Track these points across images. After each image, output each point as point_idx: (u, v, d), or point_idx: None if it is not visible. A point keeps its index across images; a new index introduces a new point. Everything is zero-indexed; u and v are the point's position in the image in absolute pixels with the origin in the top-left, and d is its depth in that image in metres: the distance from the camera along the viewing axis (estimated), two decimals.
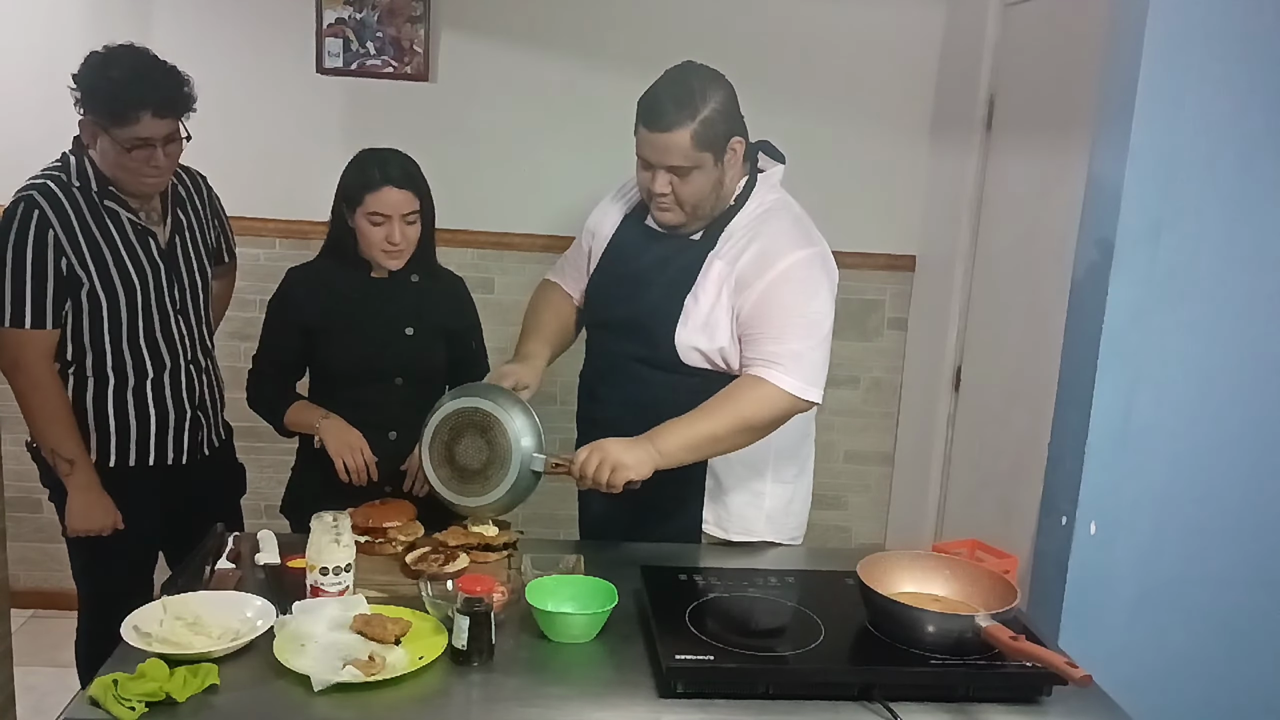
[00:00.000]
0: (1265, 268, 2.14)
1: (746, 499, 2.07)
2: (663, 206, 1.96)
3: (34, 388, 2.17)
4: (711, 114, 1.87)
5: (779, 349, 1.90)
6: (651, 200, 1.97)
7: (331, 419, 2.20)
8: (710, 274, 1.96)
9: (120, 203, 2.19)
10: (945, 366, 3.31)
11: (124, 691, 1.38)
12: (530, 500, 3.54)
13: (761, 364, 1.91)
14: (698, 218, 1.98)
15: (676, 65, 1.95)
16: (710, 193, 1.94)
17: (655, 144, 1.89)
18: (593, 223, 2.19)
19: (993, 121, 3.12)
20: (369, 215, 2.13)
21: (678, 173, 1.90)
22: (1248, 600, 2.26)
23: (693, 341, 1.96)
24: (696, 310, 1.96)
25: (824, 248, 1.98)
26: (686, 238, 2.02)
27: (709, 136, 1.87)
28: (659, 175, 1.91)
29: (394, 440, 2.24)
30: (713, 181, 1.93)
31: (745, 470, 2.05)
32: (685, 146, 1.87)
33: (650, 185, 1.93)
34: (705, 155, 1.89)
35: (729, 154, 1.92)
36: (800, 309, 1.92)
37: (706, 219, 1.99)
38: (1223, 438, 2.19)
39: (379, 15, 3.19)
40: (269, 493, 2.35)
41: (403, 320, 2.25)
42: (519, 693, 1.50)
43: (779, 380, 1.89)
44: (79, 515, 2.21)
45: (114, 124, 2.08)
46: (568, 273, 2.26)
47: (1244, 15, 2.03)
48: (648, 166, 1.93)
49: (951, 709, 1.51)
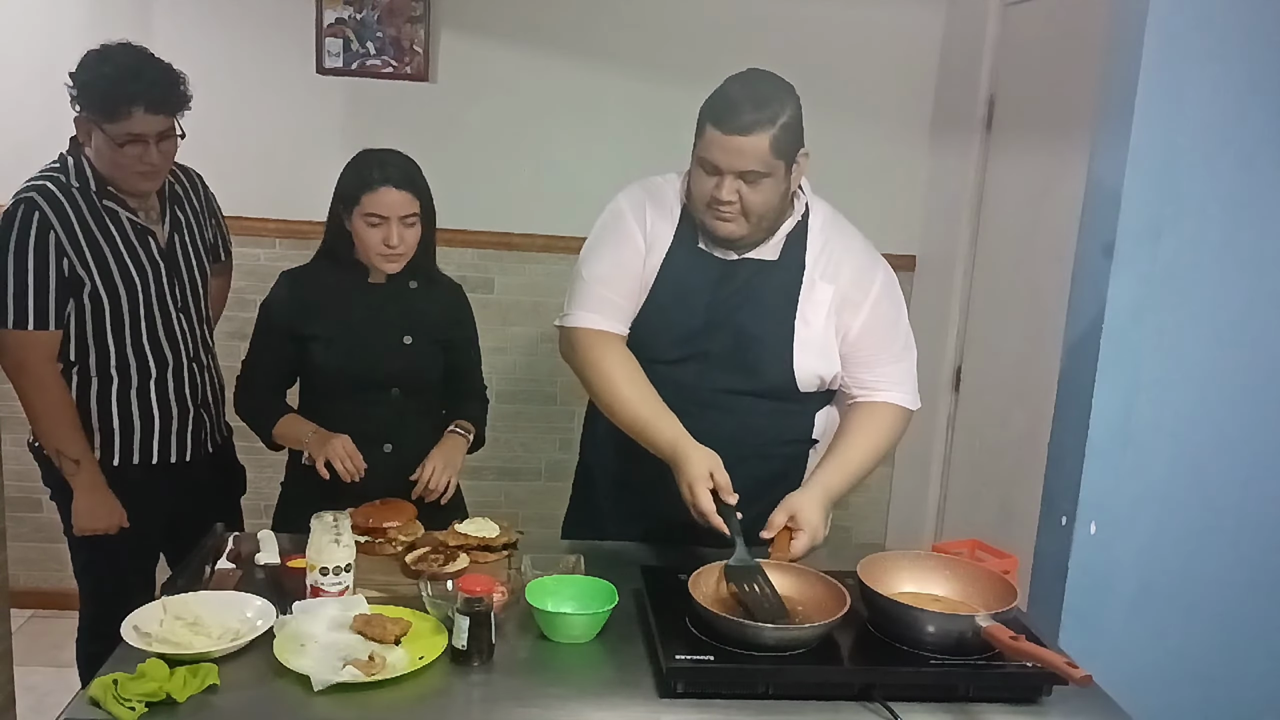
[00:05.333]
0: (1265, 268, 2.14)
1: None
2: (725, 216, 1.83)
3: (38, 389, 2.17)
4: (790, 120, 1.80)
5: (895, 370, 1.96)
6: (708, 210, 1.84)
7: (320, 432, 2.12)
8: (815, 296, 1.91)
9: (119, 202, 2.19)
10: (945, 366, 3.31)
11: (124, 691, 1.38)
12: (530, 500, 3.57)
13: (884, 388, 1.95)
14: (759, 230, 1.88)
15: (745, 70, 1.85)
16: (777, 204, 1.86)
17: (729, 147, 1.77)
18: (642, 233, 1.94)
19: (993, 121, 3.12)
20: (366, 216, 2.07)
21: (749, 179, 1.79)
22: (1248, 600, 2.26)
23: (813, 368, 1.93)
24: (810, 335, 1.91)
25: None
26: (759, 260, 1.92)
27: (786, 144, 1.80)
28: (726, 182, 1.80)
29: (389, 453, 2.17)
30: (781, 192, 1.85)
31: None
32: (763, 151, 1.77)
33: (715, 193, 1.81)
34: (779, 164, 1.80)
35: (796, 166, 1.85)
36: (901, 324, 1.98)
37: (765, 233, 1.90)
38: (1223, 438, 2.19)
39: (379, 15, 3.19)
40: (269, 493, 2.35)
41: (400, 329, 2.19)
42: (519, 693, 1.50)
43: (903, 400, 1.96)
44: (85, 515, 2.21)
45: (107, 119, 2.08)
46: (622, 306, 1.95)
47: (1244, 15, 2.03)
48: (714, 172, 1.81)
49: (951, 709, 1.51)
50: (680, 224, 1.95)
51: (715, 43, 3.27)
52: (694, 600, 1.58)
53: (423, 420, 2.25)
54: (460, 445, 2.24)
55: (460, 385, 2.33)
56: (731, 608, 1.62)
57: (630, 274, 1.94)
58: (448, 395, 2.31)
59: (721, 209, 1.83)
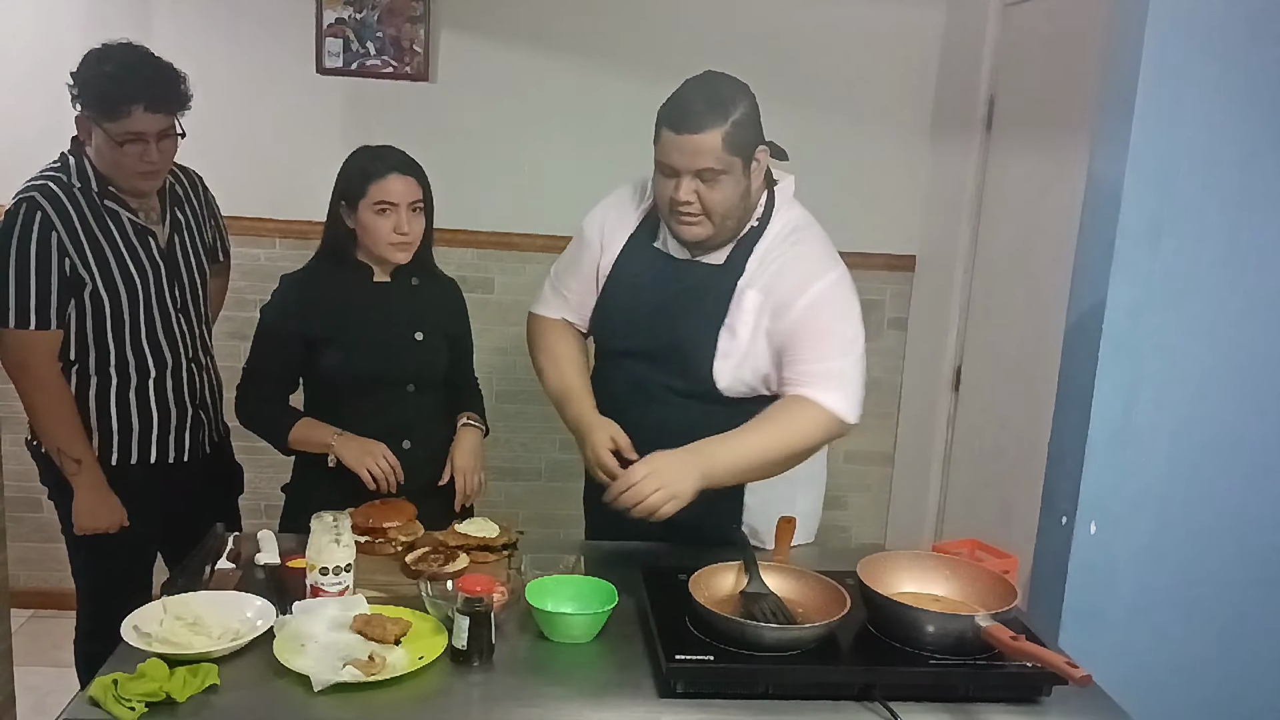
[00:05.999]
0: (1265, 268, 2.14)
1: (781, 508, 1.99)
2: (687, 220, 1.86)
3: (40, 388, 2.17)
4: (742, 117, 1.82)
5: (819, 368, 1.87)
6: (673, 214, 1.87)
7: (345, 435, 2.13)
8: (744, 304, 1.90)
9: (120, 202, 2.19)
10: (945, 366, 3.31)
11: (124, 691, 1.38)
12: (530, 500, 3.56)
13: (803, 383, 1.87)
14: (724, 230, 1.89)
15: (699, 74, 1.88)
16: (739, 203, 1.87)
17: (683, 147, 1.80)
18: (598, 234, 2.06)
19: (993, 121, 3.12)
20: (375, 205, 2.08)
21: (705, 178, 1.82)
22: (1248, 600, 2.26)
23: (734, 374, 1.92)
24: (734, 345, 1.91)
25: (847, 270, 1.94)
26: (706, 264, 1.94)
27: (739, 140, 1.81)
28: (684, 182, 1.82)
29: (408, 449, 2.18)
30: (740, 191, 1.85)
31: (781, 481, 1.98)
32: (716, 149, 1.79)
33: (674, 194, 1.84)
34: (735, 160, 1.82)
35: (755, 163, 1.86)
36: (838, 329, 1.89)
37: (730, 236, 1.92)
38: (1223, 438, 2.19)
39: (379, 15, 3.19)
40: (269, 493, 2.35)
41: (411, 325, 2.20)
42: (519, 693, 1.50)
43: (821, 398, 1.85)
44: (86, 514, 2.21)
45: (106, 118, 2.08)
46: (567, 301, 2.11)
47: (1244, 16, 2.03)
48: (672, 174, 1.83)
49: (951, 709, 1.51)
50: (642, 222, 2.02)
51: (715, 43, 3.27)
52: (694, 600, 1.58)
53: (436, 415, 2.28)
54: (477, 436, 2.28)
55: (459, 378, 2.36)
56: (731, 608, 1.62)
57: (582, 272, 2.07)
58: (448, 388, 2.33)
59: (683, 211, 1.85)
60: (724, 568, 1.72)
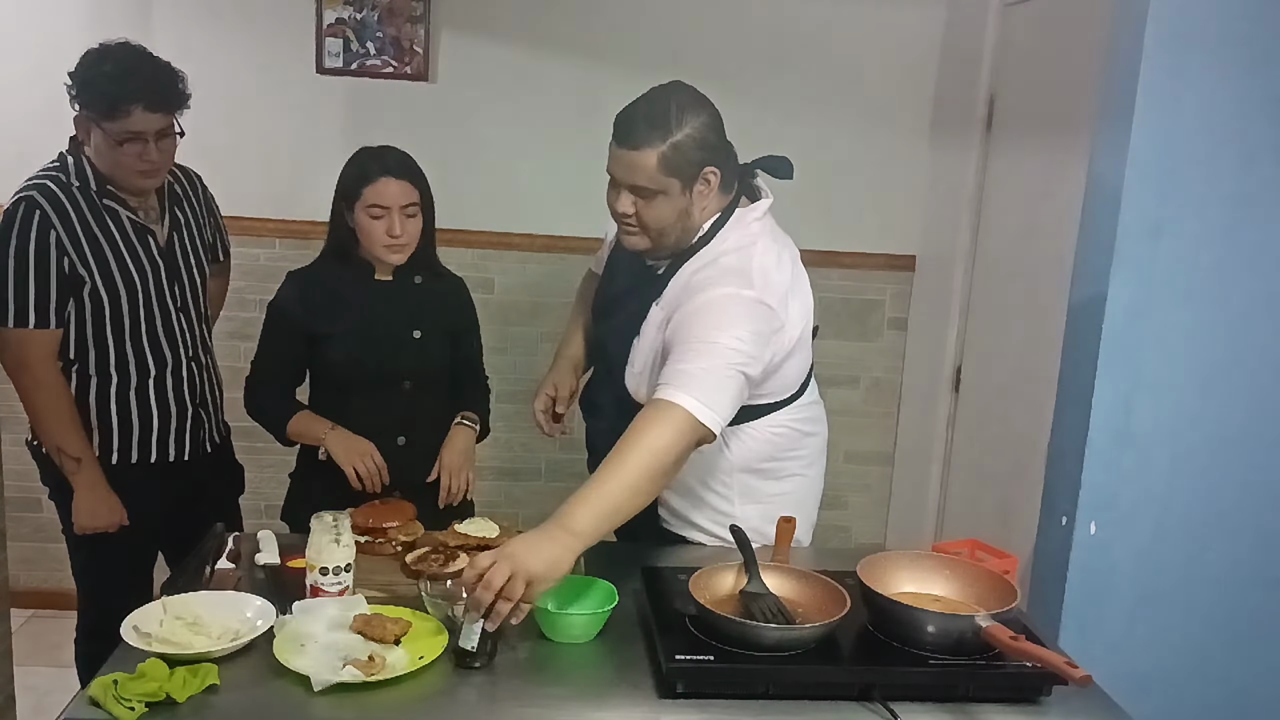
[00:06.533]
0: (1265, 268, 2.14)
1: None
2: (627, 230, 1.87)
3: (39, 387, 2.17)
4: (685, 139, 1.77)
5: (679, 368, 1.72)
6: (618, 221, 1.89)
7: (337, 430, 2.18)
8: (651, 319, 1.89)
9: (119, 201, 2.19)
10: (945, 366, 3.31)
11: (124, 691, 1.38)
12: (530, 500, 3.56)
13: (661, 384, 1.73)
14: (663, 246, 1.88)
15: (662, 84, 1.85)
16: (675, 223, 1.84)
17: (622, 161, 1.80)
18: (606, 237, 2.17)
19: (993, 121, 3.12)
20: (368, 209, 2.11)
21: (641, 194, 1.80)
22: (1248, 600, 2.26)
23: (635, 384, 1.92)
24: (638, 357, 1.91)
25: (764, 295, 1.81)
26: (650, 269, 1.94)
27: (678, 162, 1.77)
28: (623, 195, 1.83)
29: (402, 445, 2.22)
30: (678, 211, 1.82)
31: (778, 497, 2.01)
32: (650, 168, 1.77)
33: (614, 204, 1.85)
34: (671, 181, 1.78)
35: (700, 184, 1.81)
36: (704, 336, 1.74)
37: (672, 249, 1.89)
38: (1223, 438, 2.19)
39: (379, 15, 3.19)
40: (269, 493, 2.35)
41: (409, 323, 2.24)
42: (519, 693, 1.50)
43: (672, 396, 1.68)
44: (86, 513, 2.21)
45: (105, 117, 2.08)
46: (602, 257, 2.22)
47: (1244, 16, 2.03)
48: (615, 185, 1.85)
49: (951, 709, 1.51)
50: None
51: (715, 44, 3.27)
52: (694, 600, 1.58)
53: (434, 412, 2.30)
54: (469, 436, 2.29)
55: (464, 375, 2.37)
56: (731, 608, 1.62)
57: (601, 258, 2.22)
58: (452, 386, 2.35)
59: (622, 221, 1.86)
60: (724, 568, 1.72)
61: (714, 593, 1.67)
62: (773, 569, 1.73)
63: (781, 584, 1.70)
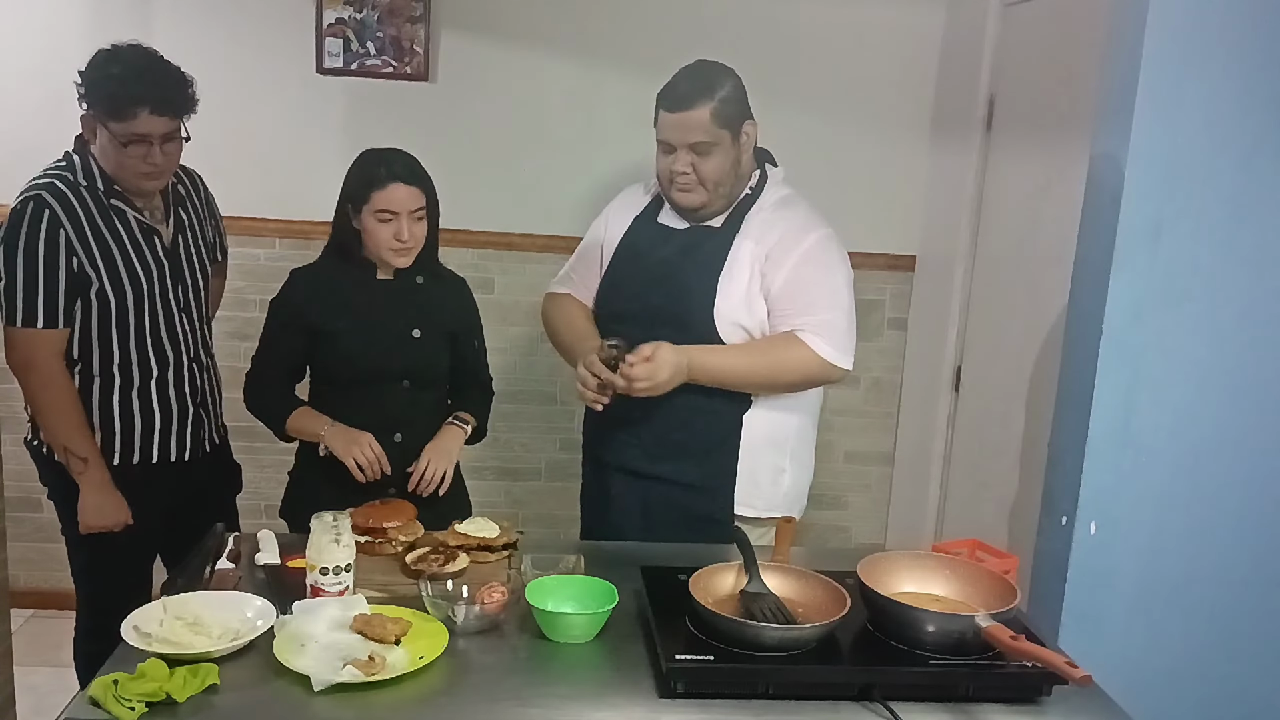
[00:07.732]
0: (1265, 268, 2.14)
1: (770, 476, 2.18)
2: (684, 186, 2.08)
3: (46, 387, 2.17)
4: (729, 95, 2.06)
5: (811, 319, 2.06)
6: (671, 185, 2.10)
7: (335, 425, 2.18)
8: (740, 254, 2.09)
9: (126, 201, 2.20)
10: (945, 366, 3.31)
11: (124, 691, 1.38)
12: (530, 500, 3.56)
13: (797, 330, 2.05)
14: (719, 198, 2.10)
15: (690, 63, 2.10)
16: (730, 171, 2.08)
17: (678, 124, 2.05)
18: (600, 232, 2.28)
19: (993, 121, 3.12)
20: (377, 213, 2.12)
21: (698, 150, 2.05)
22: (1248, 600, 2.26)
23: (734, 317, 2.08)
24: (732, 288, 2.08)
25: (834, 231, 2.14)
26: (706, 227, 2.14)
27: (727, 115, 2.05)
28: (680, 155, 2.06)
29: (399, 442, 2.22)
30: (731, 160, 2.08)
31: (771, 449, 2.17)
32: (705, 122, 2.03)
33: (672, 166, 2.07)
34: (724, 133, 2.05)
35: (744, 136, 2.09)
36: (826, 282, 2.09)
37: (725, 202, 2.12)
38: (1223, 437, 2.19)
39: (379, 15, 3.19)
40: (268, 493, 2.35)
41: (409, 323, 2.24)
42: (519, 693, 1.50)
43: (814, 344, 2.05)
44: (92, 512, 2.21)
45: (112, 118, 2.09)
46: (575, 282, 2.33)
47: (1244, 15, 2.03)
48: (669, 150, 2.07)
49: (951, 709, 1.51)
50: (649, 205, 2.25)
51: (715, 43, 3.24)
52: (694, 600, 1.58)
53: (432, 411, 2.30)
54: (457, 436, 2.28)
55: (464, 375, 2.37)
56: (731, 608, 1.62)
57: (588, 256, 2.31)
58: (452, 385, 2.36)
59: (680, 181, 2.08)
60: (724, 568, 1.72)
61: (714, 593, 1.67)
62: (773, 569, 1.73)
63: (781, 584, 1.70)
